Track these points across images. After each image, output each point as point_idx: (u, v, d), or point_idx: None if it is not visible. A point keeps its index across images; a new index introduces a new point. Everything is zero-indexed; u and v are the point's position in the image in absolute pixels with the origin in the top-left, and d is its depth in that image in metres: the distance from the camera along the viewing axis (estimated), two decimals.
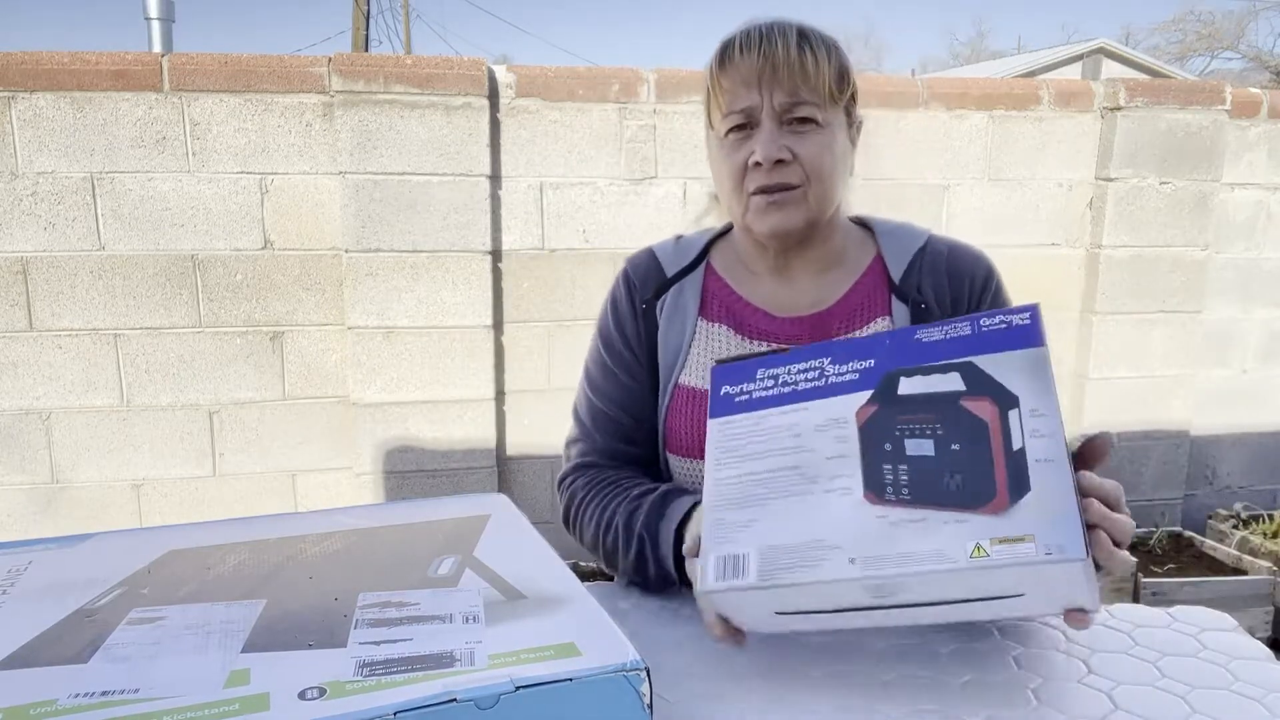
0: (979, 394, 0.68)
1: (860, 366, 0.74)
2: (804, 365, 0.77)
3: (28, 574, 0.71)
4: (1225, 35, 20.22)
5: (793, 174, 0.98)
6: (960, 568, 0.62)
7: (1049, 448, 0.65)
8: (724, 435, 0.77)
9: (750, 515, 0.71)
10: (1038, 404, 0.67)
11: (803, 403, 0.75)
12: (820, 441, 0.72)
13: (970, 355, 0.71)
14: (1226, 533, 2.97)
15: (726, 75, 0.99)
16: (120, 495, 2.63)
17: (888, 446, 0.69)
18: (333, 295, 2.63)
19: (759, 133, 0.97)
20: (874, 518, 0.66)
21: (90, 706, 0.51)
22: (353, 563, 0.72)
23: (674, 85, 2.69)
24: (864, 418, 0.71)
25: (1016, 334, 0.70)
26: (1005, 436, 0.66)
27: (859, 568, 0.64)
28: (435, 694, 0.51)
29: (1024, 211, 2.96)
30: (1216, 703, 0.70)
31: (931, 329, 0.73)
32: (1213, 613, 0.86)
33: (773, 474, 0.72)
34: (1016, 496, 0.63)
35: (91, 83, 2.41)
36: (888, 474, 0.68)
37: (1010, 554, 0.61)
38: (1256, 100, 3.02)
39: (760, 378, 0.79)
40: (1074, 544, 0.60)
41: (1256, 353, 3.20)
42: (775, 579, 0.67)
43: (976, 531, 0.63)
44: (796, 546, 0.67)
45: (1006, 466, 0.65)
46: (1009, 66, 18.26)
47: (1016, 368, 0.69)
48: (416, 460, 2.69)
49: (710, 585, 0.69)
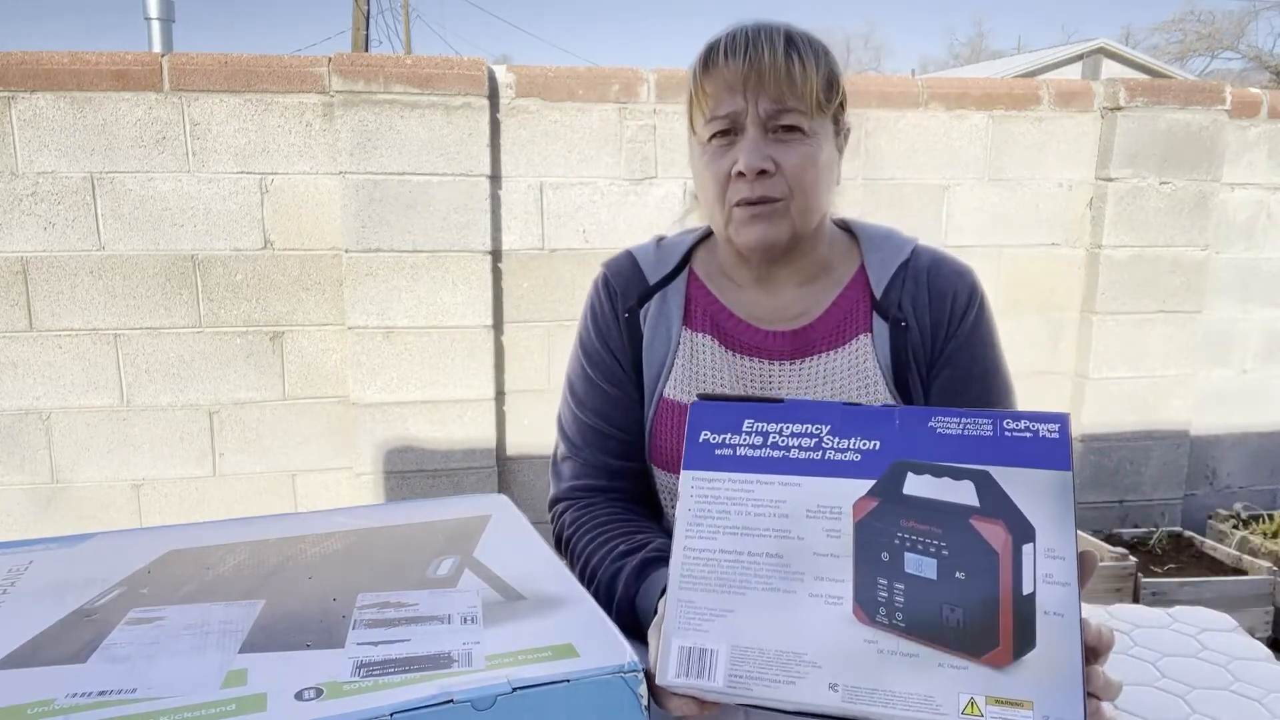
0: (993, 515, 0.62)
1: (864, 446, 0.67)
2: (800, 429, 0.69)
3: (28, 574, 0.71)
4: (1225, 35, 20.22)
5: (776, 186, 0.95)
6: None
7: (1062, 600, 0.59)
8: (700, 496, 0.69)
9: (723, 603, 0.65)
10: (1055, 543, 0.61)
11: (795, 476, 0.67)
12: (810, 530, 0.65)
13: (987, 463, 0.64)
14: (1226, 533, 2.97)
15: (710, 79, 0.96)
16: (120, 495, 2.63)
17: (885, 557, 0.63)
18: (333, 295, 2.63)
19: (742, 141, 0.94)
20: (862, 640, 0.61)
21: (88, 706, 0.51)
22: (352, 563, 0.72)
23: (674, 85, 2.68)
24: (862, 512, 0.65)
25: (1041, 448, 0.64)
26: (1016, 575, 0.60)
27: (839, 697, 0.60)
28: (432, 695, 0.51)
29: (1024, 211, 2.96)
30: (1216, 703, 0.70)
31: (948, 419, 0.66)
32: (1213, 613, 0.86)
33: (754, 559, 0.65)
34: (1020, 652, 0.59)
35: (91, 83, 2.41)
36: (882, 590, 0.62)
37: (1004, 718, 0.57)
38: (1256, 100, 3.02)
39: (747, 431, 0.70)
40: (1074, 718, 0.57)
41: (1256, 353, 3.20)
42: (745, 690, 0.62)
43: (973, 683, 0.58)
44: (772, 655, 0.62)
45: (1014, 613, 0.59)
46: (1009, 66, 18.26)
47: (1036, 491, 0.62)
48: (416, 460, 2.69)
49: (670, 680, 0.63)
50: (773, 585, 0.64)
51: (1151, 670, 0.75)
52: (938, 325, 1.02)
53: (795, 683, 0.61)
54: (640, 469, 1.07)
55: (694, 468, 0.70)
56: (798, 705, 0.61)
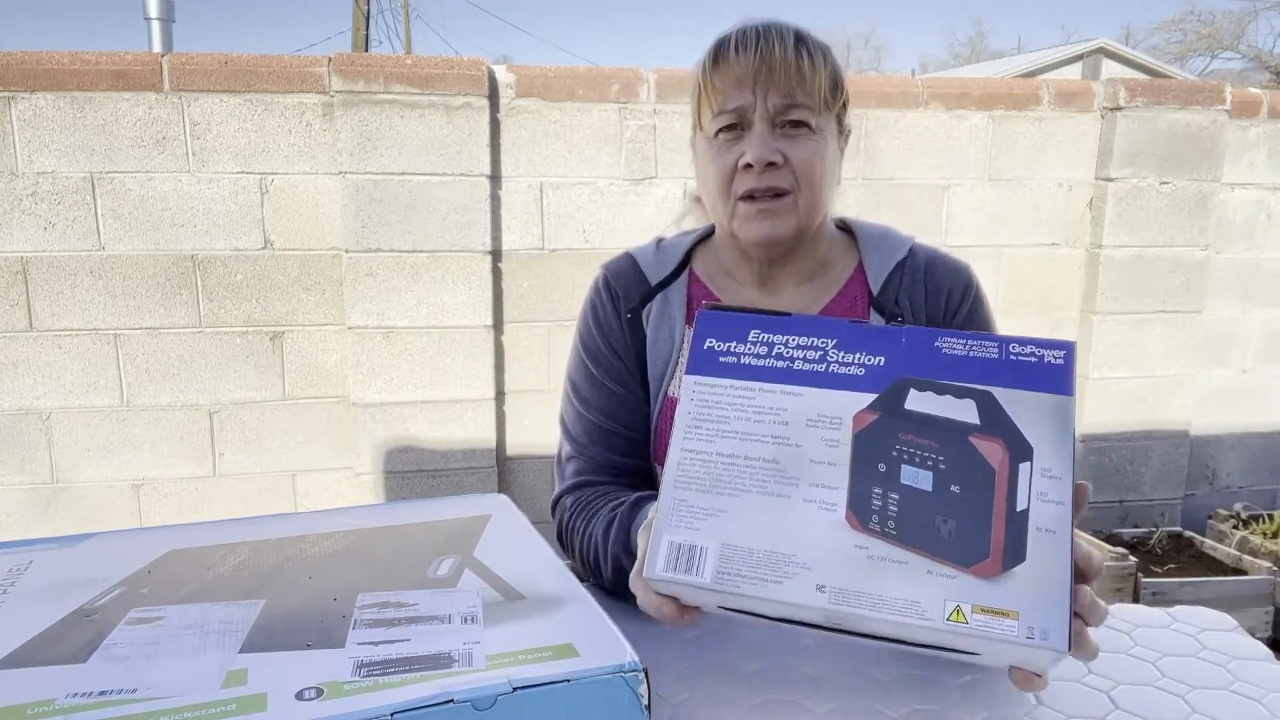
0: (992, 433, 0.62)
1: (868, 361, 0.67)
2: (805, 341, 0.69)
3: (28, 574, 0.71)
4: (1225, 35, 20.22)
5: (783, 178, 0.96)
6: (934, 627, 0.58)
7: (1055, 517, 0.59)
8: (701, 400, 0.68)
9: (716, 503, 0.64)
10: (1052, 463, 0.61)
11: (797, 386, 0.67)
12: (809, 438, 0.65)
13: (991, 384, 0.63)
14: (1226, 533, 2.97)
15: (720, 74, 0.97)
16: (120, 495, 2.63)
17: (881, 467, 0.63)
18: (333, 295, 2.63)
19: (750, 135, 0.96)
20: (853, 545, 0.61)
21: (87, 706, 0.51)
22: (352, 563, 0.72)
23: (674, 85, 2.68)
24: (861, 424, 0.65)
25: (1046, 373, 0.63)
26: (1011, 492, 0.60)
27: (826, 597, 0.60)
28: (433, 695, 0.51)
29: (1024, 211, 2.96)
30: (1216, 703, 0.70)
31: (954, 340, 0.66)
32: (1213, 613, 0.86)
33: (750, 462, 0.65)
34: (1010, 564, 0.59)
35: (91, 83, 2.41)
36: (876, 499, 0.62)
37: (989, 627, 0.57)
38: (1256, 100, 3.02)
39: (753, 341, 0.69)
40: (1059, 633, 0.56)
41: (1256, 353, 3.20)
42: (732, 586, 0.61)
43: (960, 592, 0.59)
44: (762, 555, 0.62)
45: (1006, 527, 0.59)
46: (1009, 66, 18.26)
47: (1038, 413, 0.62)
48: (416, 460, 2.69)
49: (659, 574, 0.63)
50: (767, 489, 0.64)
51: (1151, 670, 0.75)
52: (934, 320, 1.03)
53: (783, 582, 0.61)
54: (644, 468, 1.07)
55: (697, 373, 0.69)
56: (784, 603, 0.60)
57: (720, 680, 0.74)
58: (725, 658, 0.77)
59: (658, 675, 0.73)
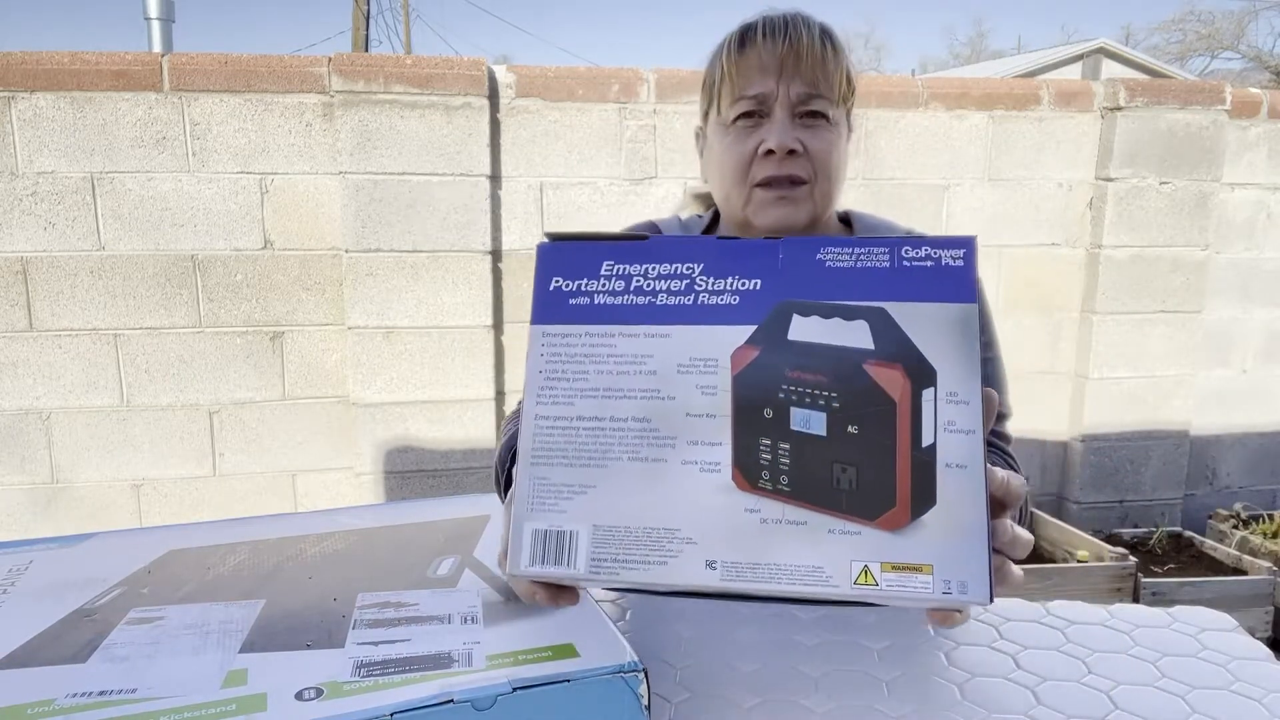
0: (889, 358, 0.53)
1: (743, 287, 0.57)
2: (668, 269, 0.58)
3: (28, 574, 0.71)
4: (1225, 35, 20.22)
5: (803, 166, 0.96)
6: (841, 593, 0.52)
7: (965, 449, 0.52)
8: (553, 355, 0.58)
9: (582, 477, 0.56)
10: (958, 386, 0.52)
11: (663, 326, 0.57)
12: (682, 388, 0.56)
13: (883, 298, 0.54)
14: (1226, 533, 2.97)
15: (745, 59, 0.97)
16: (120, 495, 2.63)
17: (768, 414, 0.54)
18: (333, 295, 2.63)
19: (770, 123, 0.96)
20: (743, 510, 0.53)
21: (87, 706, 0.51)
22: (352, 563, 0.72)
23: (674, 85, 2.68)
24: (741, 364, 0.55)
25: (944, 278, 0.54)
26: (915, 425, 0.52)
27: (718, 575, 0.53)
28: (432, 695, 0.51)
29: (1024, 211, 2.96)
30: (1216, 703, 0.70)
31: (839, 249, 0.56)
32: (1213, 613, 0.86)
33: (617, 425, 0.56)
34: (919, 511, 0.52)
35: (91, 83, 2.41)
36: (765, 452, 0.54)
37: (901, 585, 0.51)
38: (1256, 100, 3.02)
39: (606, 274, 0.58)
40: (978, 584, 0.50)
41: (1256, 353, 3.20)
42: (610, 573, 0.54)
43: (866, 549, 0.52)
44: (641, 533, 0.54)
45: (911, 468, 0.52)
46: (1009, 66, 18.26)
47: (938, 327, 0.53)
48: (416, 460, 2.69)
49: (524, 569, 0.55)
50: (640, 454, 0.55)
51: (1151, 670, 0.75)
52: None
53: (668, 563, 0.53)
54: None
55: (544, 321, 0.58)
56: (672, 587, 0.54)
57: (720, 680, 0.74)
58: (725, 658, 0.77)
59: (658, 675, 0.73)
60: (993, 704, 0.70)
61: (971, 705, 0.70)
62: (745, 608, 0.85)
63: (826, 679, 0.74)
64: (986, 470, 0.52)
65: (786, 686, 0.73)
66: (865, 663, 0.77)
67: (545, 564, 0.55)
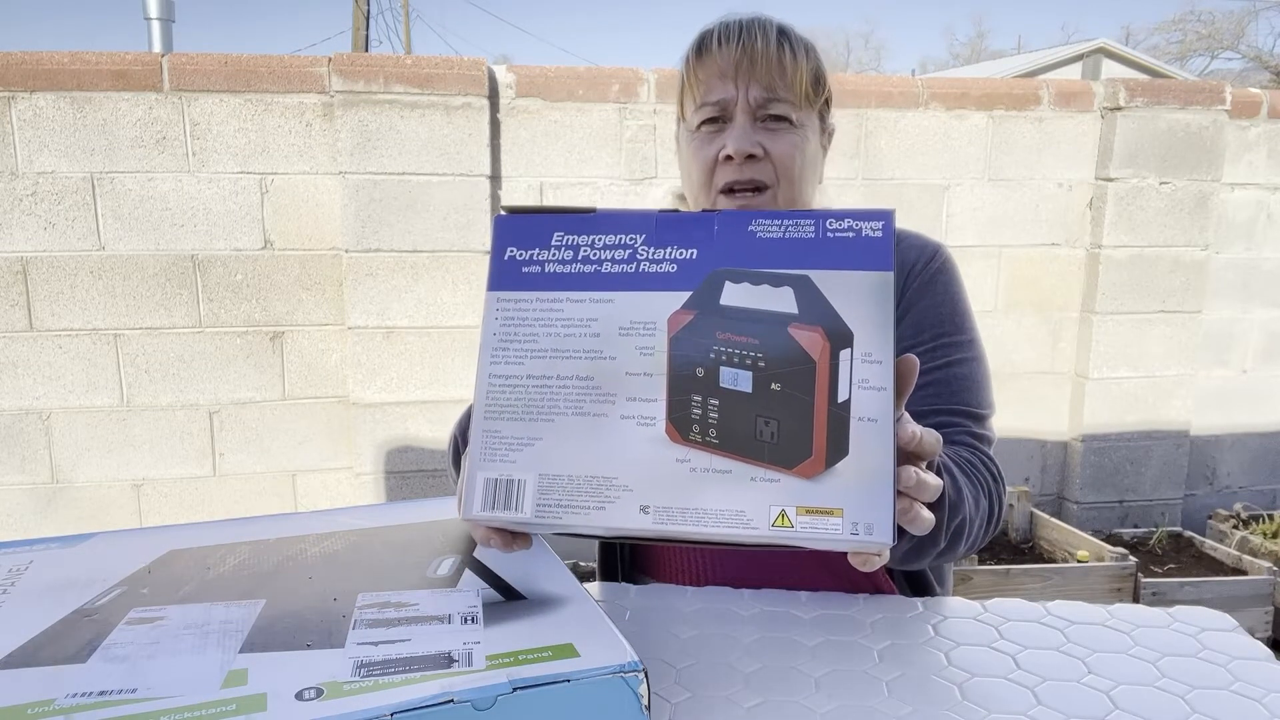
0: (810, 322, 0.59)
1: (680, 256, 0.63)
2: (612, 240, 0.64)
3: (28, 573, 0.71)
4: (1225, 35, 20.22)
5: (763, 171, 0.96)
6: (760, 535, 0.57)
7: (876, 404, 0.57)
8: (506, 319, 0.64)
9: (530, 431, 0.62)
10: (872, 347, 0.58)
11: (607, 292, 0.63)
12: (623, 349, 0.62)
13: (808, 266, 0.60)
14: (1226, 533, 2.97)
15: (703, 66, 0.98)
16: (120, 495, 2.63)
17: (700, 372, 0.60)
18: (333, 295, 2.63)
19: (731, 127, 0.96)
20: (674, 460, 0.59)
21: (87, 706, 0.51)
22: (352, 563, 0.72)
23: (674, 85, 2.68)
24: (676, 326, 0.61)
25: (864, 248, 0.60)
26: (832, 383, 0.58)
27: (650, 519, 0.59)
28: (433, 695, 0.51)
29: (1024, 211, 2.96)
30: (1216, 703, 0.70)
31: (769, 221, 0.62)
32: (1213, 613, 0.86)
33: (563, 383, 0.62)
34: (833, 460, 0.57)
35: (91, 83, 2.41)
36: (695, 408, 0.60)
37: (814, 528, 0.56)
38: (1256, 100, 3.02)
39: (556, 245, 0.65)
40: (883, 526, 0.56)
41: (1256, 353, 3.20)
42: (553, 518, 0.60)
43: (783, 495, 0.57)
44: (582, 481, 0.60)
45: (828, 422, 0.58)
46: (1009, 66, 18.25)
47: (856, 293, 0.59)
48: (416, 460, 2.69)
49: (476, 514, 0.62)
50: (583, 410, 0.61)
51: (1152, 670, 0.75)
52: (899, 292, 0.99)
53: (605, 508, 0.59)
54: None
55: (499, 288, 0.65)
56: (608, 530, 0.59)
57: (720, 680, 0.74)
58: (725, 658, 0.77)
59: (657, 675, 0.73)
60: (993, 704, 0.70)
61: (971, 705, 0.70)
62: (745, 608, 0.85)
63: (826, 679, 0.74)
64: (898, 424, 0.59)
65: (786, 686, 0.73)
66: (865, 663, 0.76)
67: (495, 509, 0.61)
